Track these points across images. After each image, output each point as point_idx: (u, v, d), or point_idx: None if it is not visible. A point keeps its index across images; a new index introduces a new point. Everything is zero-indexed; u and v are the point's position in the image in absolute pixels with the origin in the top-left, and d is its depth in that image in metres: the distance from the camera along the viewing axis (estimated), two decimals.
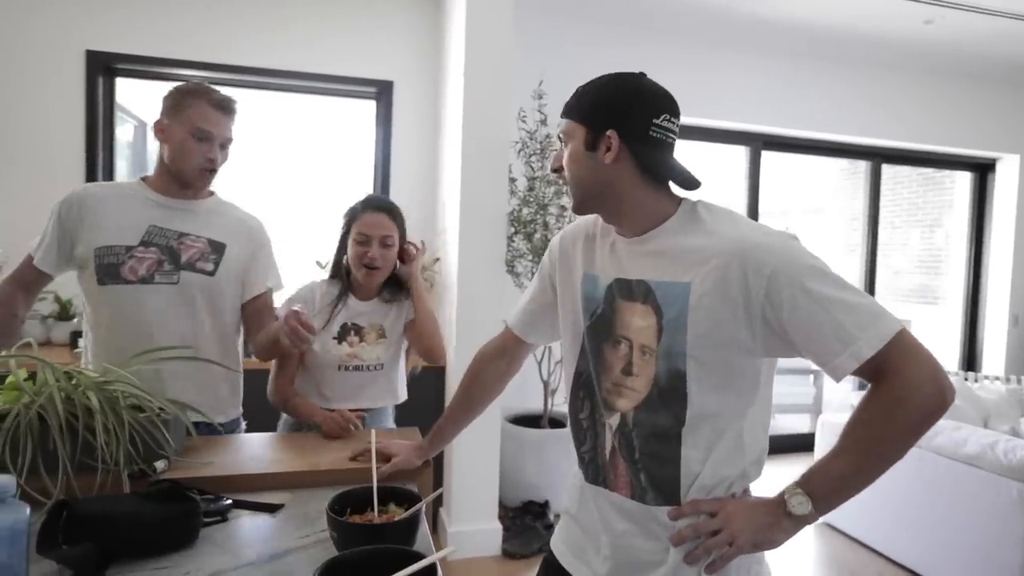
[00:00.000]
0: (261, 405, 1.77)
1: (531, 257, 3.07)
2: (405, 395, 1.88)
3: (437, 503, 2.91)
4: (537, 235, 3.04)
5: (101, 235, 1.51)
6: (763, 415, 1.00)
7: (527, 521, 3.02)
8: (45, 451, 1.08)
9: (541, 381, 3.23)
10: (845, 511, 1.38)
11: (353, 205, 1.78)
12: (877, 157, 4.59)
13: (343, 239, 1.79)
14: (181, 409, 1.30)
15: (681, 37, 3.82)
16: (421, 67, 3.35)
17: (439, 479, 2.86)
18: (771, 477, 1.03)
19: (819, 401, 5.10)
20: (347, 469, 1.33)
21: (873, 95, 4.27)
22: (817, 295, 0.87)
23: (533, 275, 1.26)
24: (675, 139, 0.99)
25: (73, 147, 2.97)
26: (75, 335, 2.76)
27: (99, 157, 3.02)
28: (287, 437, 1.61)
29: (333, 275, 1.81)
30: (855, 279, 4.59)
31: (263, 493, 1.23)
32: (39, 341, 2.73)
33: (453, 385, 2.76)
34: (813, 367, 5.03)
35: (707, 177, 1.00)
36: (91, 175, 2.99)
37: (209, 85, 1.59)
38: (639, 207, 0.99)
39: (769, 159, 4.35)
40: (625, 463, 1.00)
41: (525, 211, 3.07)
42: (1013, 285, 4.64)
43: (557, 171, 1.05)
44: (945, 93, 4.43)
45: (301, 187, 3.41)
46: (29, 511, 0.84)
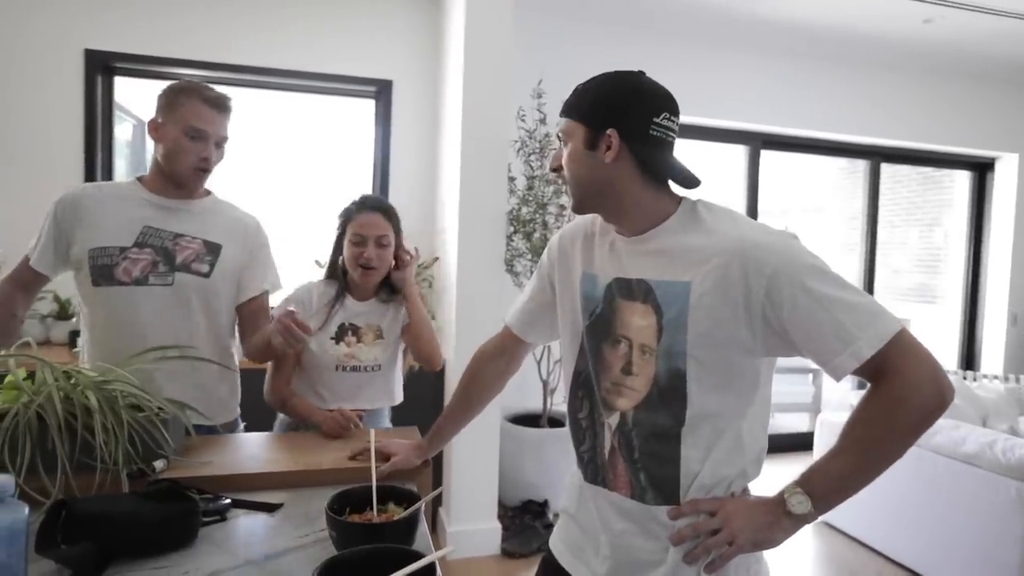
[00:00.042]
0: (258, 406, 1.77)
1: (530, 256, 3.07)
2: (401, 397, 1.88)
3: (436, 502, 2.91)
4: (536, 234, 3.04)
5: (95, 236, 1.49)
6: (762, 414, 1.00)
7: (526, 520, 3.02)
8: (44, 450, 1.08)
9: (540, 380, 3.23)
10: (844, 510, 1.38)
11: (348, 206, 1.78)
12: (876, 156, 4.59)
13: (338, 240, 1.78)
14: (180, 408, 1.30)
15: (681, 37, 3.82)
16: (420, 66, 3.35)
17: (438, 478, 2.86)
18: (770, 476, 1.03)
19: (818, 400, 5.10)
20: (346, 468, 1.33)
21: (872, 94, 4.27)
22: (817, 294, 0.87)
23: (532, 274, 1.26)
24: (675, 138, 0.99)
25: (72, 146, 2.97)
26: (74, 334, 2.76)
27: (98, 156, 3.02)
28: (286, 437, 1.61)
29: (329, 275, 1.81)
30: (854, 278, 4.59)
31: (262, 492, 1.23)
32: (38, 340, 2.74)
33: (452, 384, 2.75)
34: (812, 366, 5.02)
35: (706, 176, 0.99)
36: (90, 174, 2.98)
37: (203, 83, 1.56)
38: (639, 206, 0.99)
39: (768, 158, 4.35)
40: (624, 463, 1.00)
41: (524, 210, 3.07)
42: (1012, 284, 4.65)
43: (556, 170, 1.05)
44: (944, 92, 4.43)
45: (300, 186, 3.40)
46: (28, 510, 0.83)
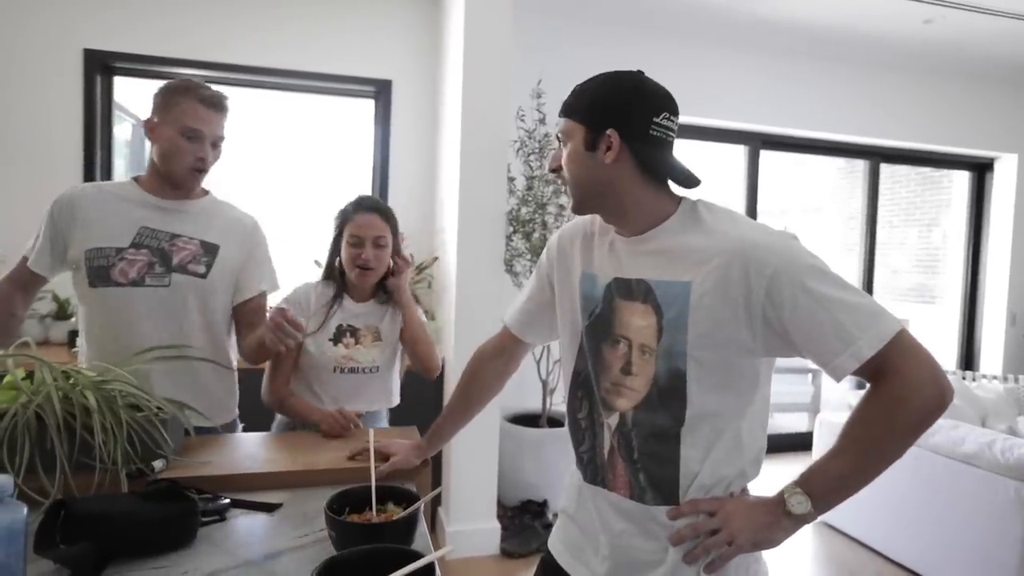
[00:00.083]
0: (256, 406, 1.76)
1: (530, 256, 3.07)
2: (398, 399, 1.88)
3: (436, 502, 2.91)
4: (536, 234, 3.04)
5: (92, 237, 1.49)
6: (761, 414, 1.00)
7: (525, 520, 3.02)
8: (43, 450, 1.07)
9: (539, 380, 3.23)
10: (843, 510, 1.38)
11: (344, 207, 1.77)
12: (875, 156, 4.59)
13: (336, 241, 1.78)
14: (179, 408, 1.30)
15: (680, 36, 3.82)
16: (420, 66, 3.35)
17: (437, 478, 2.86)
18: (769, 476, 1.03)
19: (817, 400, 5.10)
20: (345, 468, 1.33)
21: (872, 94, 4.27)
22: (818, 294, 0.87)
23: (531, 274, 1.25)
24: (674, 137, 0.99)
25: (71, 146, 2.96)
26: (73, 334, 2.75)
27: (97, 156, 3.01)
28: (285, 436, 1.60)
29: (326, 277, 1.80)
30: (853, 278, 4.59)
31: (261, 492, 1.23)
32: (37, 340, 2.74)
33: (451, 384, 2.75)
34: (811, 366, 5.04)
35: (706, 176, 0.99)
36: (89, 174, 2.98)
37: (199, 81, 1.55)
38: (639, 206, 0.99)
39: (768, 158, 4.36)
40: (624, 463, 1.00)
41: (524, 210, 3.07)
42: (1011, 284, 4.65)
43: (556, 171, 1.05)
44: (943, 93, 4.43)
45: (300, 187, 3.40)
46: (27, 511, 0.83)
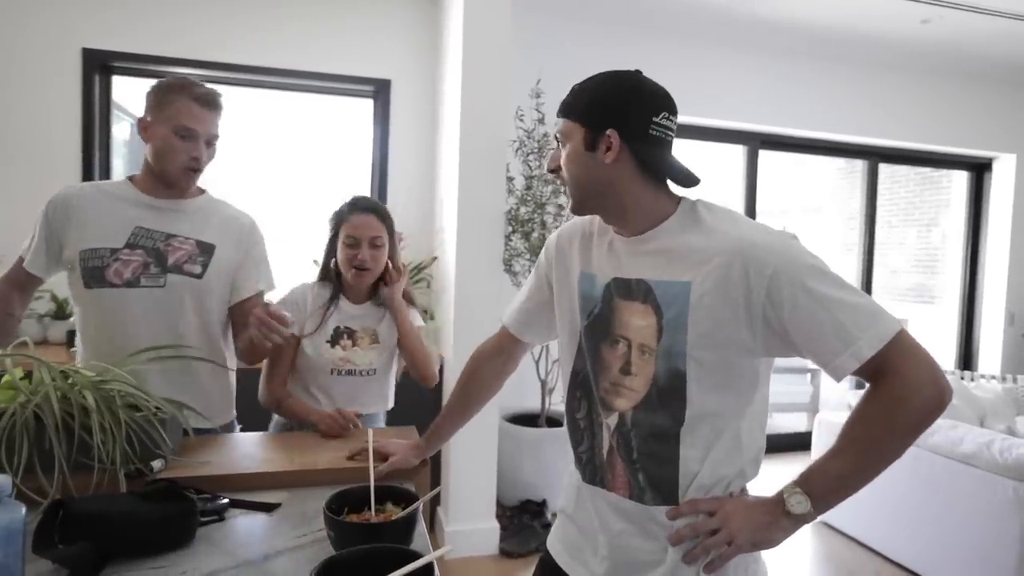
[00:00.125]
0: (253, 407, 1.76)
1: (529, 256, 3.07)
2: (393, 402, 1.88)
3: (434, 502, 2.90)
4: (535, 234, 3.04)
5: (86, 237, 1.47)
6: (761, 414, 1.00)
7: (524, 520, 3.02)
8: (41, 450, 1.07)
9: (538, 380, 3.23)
10: (842, 510, 1.38)
11: (339, 207, 1.76)
12: (874, 156, 4.59)
13: (331, 242, 1.77)
14: (178, 408, 1.30)
15: (680, 36, 3.82)
16: (419, 65, 3.34)
17: (436, 478, 2.86)
18: (768, 476, 1.03)
19: (816, 400, 5.11)
20: (344, 468, 1.33)
21: (871, 94, 4.27)
22: (818, 294, 0.87)
23: (530, 274, 1.25)
24: (673, 137, 0.99)
25: (69, 145, 2.96)
26: (71, 334, 2.75)
27: (96, 155, 3.01)
28: (284, 436, 1.60)
29: (322, 278, 1.80)
30: (852, 278, 4.60)
31: (260, 492, 1.23)
32: (35, 340, 2.73)
33: (450, 384, 2.75)
34: (810, 366, 5.05)
35: (705, 176, 0.99)
36: (88, 173, 2.97)
37: (193, 79, 1.52)
38: (639, 206, 0.98)
39: (767, 158, 4.36)
40: (623, 463, 1.00)
41: (523, 210, 3.06)
42: (1009, 284, 4.66)
43: (554, 171, 1.04)
44: (942, 93, 4.44)
45: (299, 186, 3.40)
46: (25, 510, 0.83)
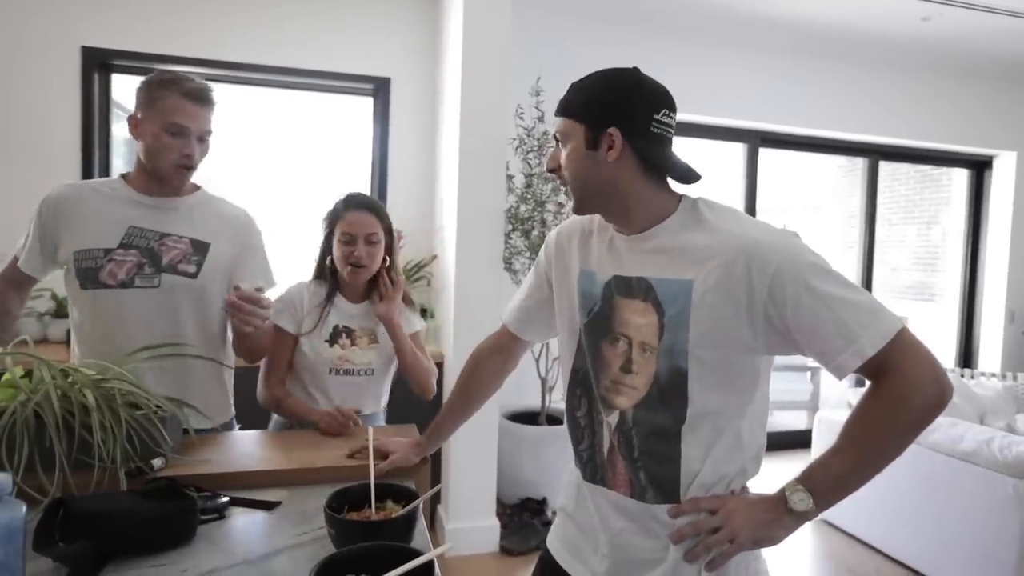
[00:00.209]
0: (252, 406, 1.76)
1: (528, 254, 3.07)
2: (387, 399, 1.87)
3: (435, 500, 2.91)
4: (535, 232, 3.04)
5: (80, 238, 1.45)
6: (761, 412, 1.00)
7: (525, 518, 3.02)
8: (41, 449, 1.07)
9: (539, 378, 3.23)
10: (842, 508, 1.38)
11: (335, 205, 1.75)
12: (875, 154, 4.59)
13: (327, 240, 1.76)
14: (178, 407, 1.30)
15: (680, 34, 3.81)
16: (419, 64, 3.34)
17: (437, 476, 2.86)
18: (769, 474, 1.03)
19: (816, 398, 5.11)
20: (344, 466, 1.33)
21: (871, 92, 4.27)
22: (820, 293, 0.87)
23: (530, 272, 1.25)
24: (673, 134, 0.99)
25: (69, 144, 2.95)
26: (71, 332, 2.75)
27: (95, 154, 3.00)
28: (284, 435, 1.60)
29: (317, 276, 1.79)
30: (853, 276, 4.58)
31: (260, 490, 1.23)
32: (35, 338, 2.74)
33: (450, 382, 2.76)
34: (810, 364, 5.05)
35: (705, 174, 0.99)
36: (87, 172, 2.97)
37: (184, 74, 1.47)
38: (641, 204, 0.98)
39: (767, 156, 4.35)
40: (624, 461, 1.00)
41: (523, 208, 3.06)
42: (1009, 281, 4.65)
43: (554, 171, 1.04)
44: (942, 90, 4.43)
45: (298, 185, 3.39)
46: (25, 509, 0.83)
